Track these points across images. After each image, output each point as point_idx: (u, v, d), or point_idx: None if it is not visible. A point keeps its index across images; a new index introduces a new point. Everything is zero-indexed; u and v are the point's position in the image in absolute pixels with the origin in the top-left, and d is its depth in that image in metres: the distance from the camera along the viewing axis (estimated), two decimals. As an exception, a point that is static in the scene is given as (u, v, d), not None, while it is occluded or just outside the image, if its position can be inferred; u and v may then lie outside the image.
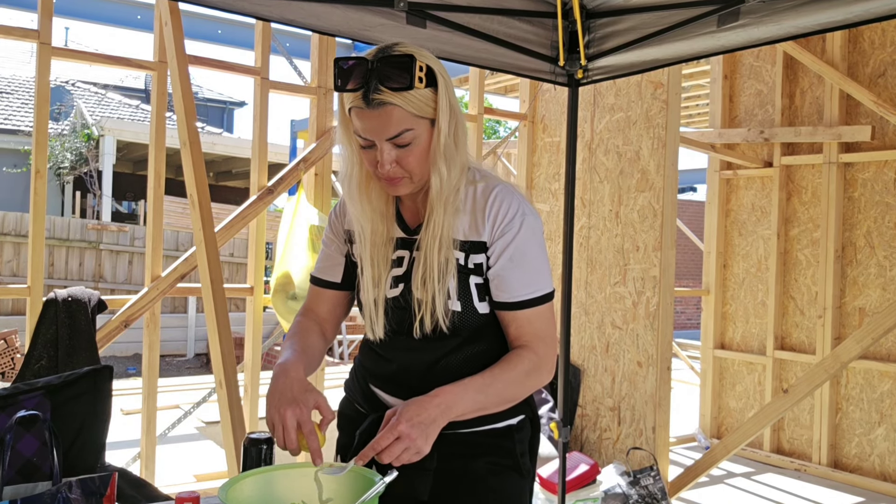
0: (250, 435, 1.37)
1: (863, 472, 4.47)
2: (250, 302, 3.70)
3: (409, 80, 1.23)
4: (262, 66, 3.63)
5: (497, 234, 1.35)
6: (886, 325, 3.35)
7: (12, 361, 7.58)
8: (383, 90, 1.23)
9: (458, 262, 1.36)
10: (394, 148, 1.28)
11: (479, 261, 1.36)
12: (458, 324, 1.36)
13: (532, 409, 1.49)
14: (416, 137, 1.28)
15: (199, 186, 3.14)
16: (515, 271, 1.35)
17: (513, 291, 1.35)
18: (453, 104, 1.32)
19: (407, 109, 1.25)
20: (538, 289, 1.36)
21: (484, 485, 1.40)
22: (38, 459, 1.46)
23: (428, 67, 1.27)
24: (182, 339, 11.20)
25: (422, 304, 1.35)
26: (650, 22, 2.46)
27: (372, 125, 1.26)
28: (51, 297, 2.88)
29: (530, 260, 1.35)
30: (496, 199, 1.35)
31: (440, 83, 1.28)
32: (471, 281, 1.37)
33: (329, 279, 1.52)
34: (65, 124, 14.40)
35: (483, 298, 1.38)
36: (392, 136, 1.27)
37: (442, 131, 1.29)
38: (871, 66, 4.51)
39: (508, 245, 1.34)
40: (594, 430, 4.14)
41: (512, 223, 1.34)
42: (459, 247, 1.36)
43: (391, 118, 1.25)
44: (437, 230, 1.33)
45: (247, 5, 2.10)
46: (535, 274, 1.36)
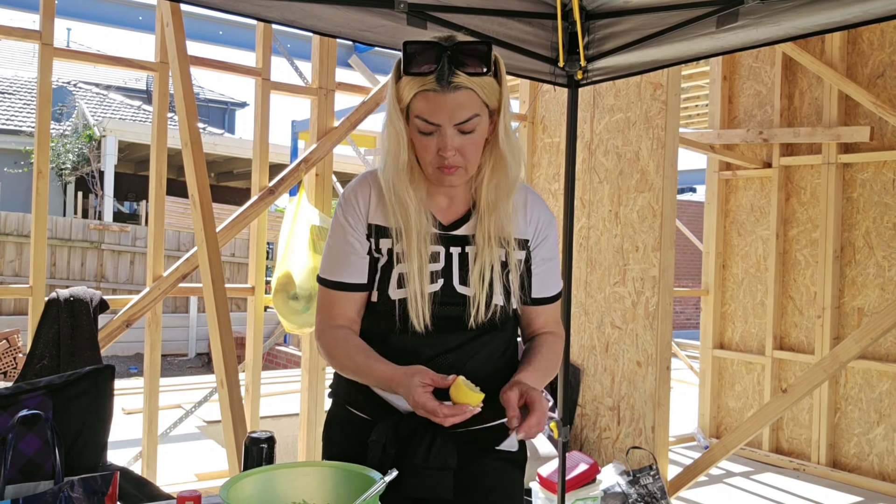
0: (251, 434, 1.38)
1: (861, 471, 4.48)
2: (251, 302, 3.71)
3: (489, 67, 1.27)
4: (264, 67, 3.64)
5: (540, 236, 1.47)
6: (885, 325, 3.35)
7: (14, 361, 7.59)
8: (460, 74, 1.26)
9: (501, 258, 1.43)
10: (458, 134, 1.30)
11: (520, 258, 1.45)
12: (500, 317, 1.43)
13: None
14: (478, 125, 1.31)
15: (201, 187, 3.15)
16: (553, 271, 1.50)
17: (552, 288, 1.51)
18: (506, 99, 1.36)
19: (479, 95, 1.29)
20: (559, 286, 1.54)
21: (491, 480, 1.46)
22: (39, 459, 1.47)
23: (496, 58, 1.31)
24: (183, 338, 11.22)
25: (473, 298, 1.40)
26: (650, 23, 2.47)
27: (444, 108, 1.27)
28: (53, 297, 2.89)
29: (557, 261, 1.52)
30: (532, 200, 1.47)
31: (501, 75, 1.33)
32: (510, 278, 1.44)
33: (359, 282, 1.45)
34: (67, 125, 14.41)
35: (515, 293, 1.46)
36: (462, 120, 1.28)
37: (501, 122, 1.34)
38: (870, 66, 4.51)
39: (548, 247, 1.48)
40: (594, 429, 4.15)
41: (549, 227, 1.48)
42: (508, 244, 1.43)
43: (465, 102, 1.28)
44: (490, 225, 1.39)
45: (247, 6, 2.11)
46: (556, 273, 1.52)
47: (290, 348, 9.27)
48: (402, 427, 1.41)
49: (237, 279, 11.51)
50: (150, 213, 3.46)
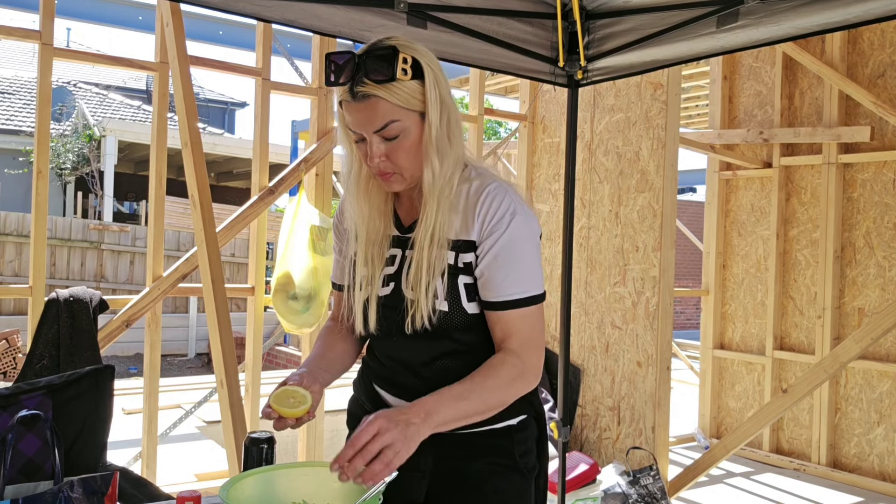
0: (251, 434, 1.38)
1: (862, 471, 4.48)
2: (251, 302, 3.71)
3: (392, 72, 1.24)
4: (264, 67, 3.64)
5: (486, 232, 1.32)
6: (885, 325, 3.35)
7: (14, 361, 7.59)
8: (367, 83, 1.25)
9: (448, 261, 1.34)
10: (383, 141, 1.29)
11: (469, 260, 1.34)
12: (445, 323, 1.34)
13: (535, 408, 1.46)
14: (404, 130, 1.29)
15: (201, 187, 3.15)
16: (502, 270, 1.32)
17: (498, 291, 1.32)
18: (444, 97, 1.31)
19: (391, 101, 1.26)
20: (526, 290, 1.32)
21: (483, 486, 1.38)
22: (39, 459, 1.47)
23: (414, 59, 1.27)
24: (183, 338, 11.22)
25: (413, 302, 1.33)
26: (650, 23, 2.47)
27: (358, 118, 1.28)
28: (52, 297, 2.89)
29: (518, 260, 1.32)
30: (487, 197, 1.33)
31: (428, 75, 1.28)
32: (460, 281, 1.34)
33: (338, 283, 1.55)
34: (66, 125, 14.42)
35: (472, 298, 1.35)
36: (378, 128, 1.28)
37: (432, 124, 1.29)
38: (871, 66, 4.51)
39: (495, 243, 1.32)
40: (594, 429, 4.15)
41: (501, 222, 1.31)
42: (451, 246, 1.34)
43: (376, 110, 1.26)
44: (430, 227, 1.32)
45: (247, 6, 2.11)
46: (523, 274, 1.32)
47: (290, 348, 9.27)
48: None
49: (237, 279, 11.51)
50: (149, 213, 3.46)
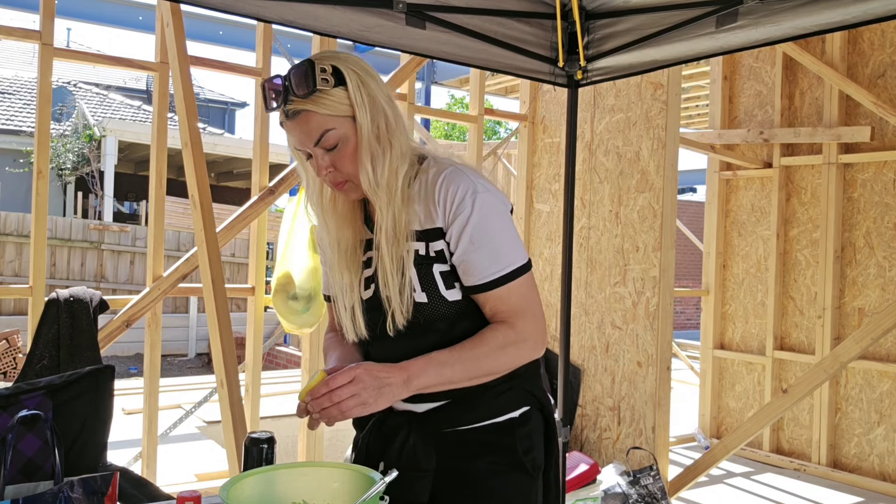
0: (251, 434, 1.38)
1: (862, 471, 4.48)
2: (251, 302, 3.71)
3: (312, 84, 1.27)
4: (264, 67, 3.64)
5: (451, 217, 1.32)
6: (886, 325, 3.35)
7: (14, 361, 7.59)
8: (294, 99, 1.29)
9: (418, 252, 1.34)
10: (326, 153, 1.32)
11: (440, 248, 1.34)
12: (429, 315, 1.34)
13: (539, 399, 1.44)
14: (341, 138, 1.31)
15: (201, 187, 3.15)
16: (478, 252, 1.31)
17: (480, 273, 1.32)
18: (374, 98, 1.32)
19: (320, 112, 1.29)
20: (507, 265, 1.32)
21: (485, 486, 1.37)
22: (39, 459, 1.47)
23: (334, 67, 1.29)
24: (183, 338, 11.23)
25: (390, 301, 1.34)
26: (649, 23, 2.47)
27: (296, 135, 1.32)
28: (53, 297, 2.89)
29: (492, 237, 1.31)
30: (444, 181, 1.33)
31: (350, 80, 1.30)
32: (434, 270, 1.34)
33: (325, 293, 1.59)
34: (67, 125, 14.43)
35: (451, 286, 1.35)
36: (316, 140, 1.31)
37: (362, 126, 1.31)
38: (871, 66, 4.51)
39: (465, 227, 1.31)
40: (594, 429, 4.15)
41: (463, 204, 1.31)
42: (417, 237, 1.34)
43: (308, 124, 1.30)
44: (383, 225, 1.33)
45: (246, 6, 2.11)
46: (500, 251, 1.32)
47: (290, 348, 9.28)
48: (385, 425, 1.42)
49: (237, 279, 11.52)
50: (150, 213, 3.46)
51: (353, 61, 1.33)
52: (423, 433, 1.38)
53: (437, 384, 1.29)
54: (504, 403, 1.39)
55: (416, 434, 1.37)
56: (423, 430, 1.38)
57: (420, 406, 1.38)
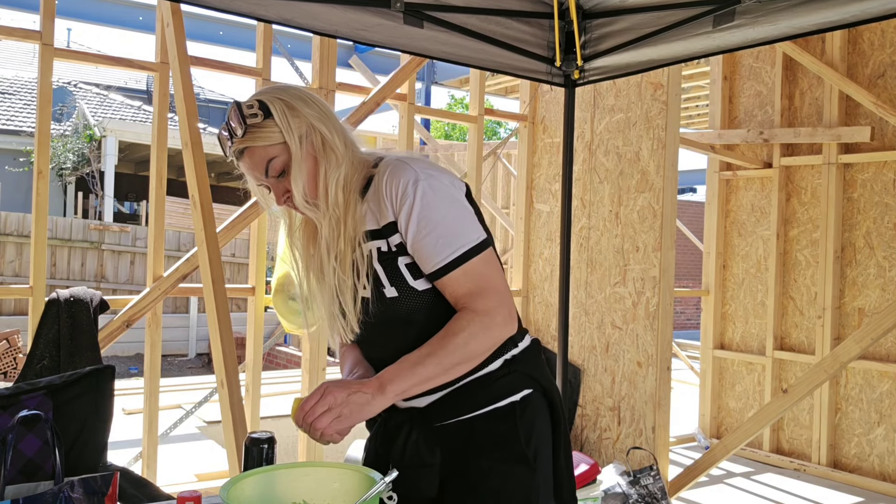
0: (252, 434, 1.39)
1: (862, 472, 4.48)
2: (252, 302, 3.71)
3: (243, 122, 1.36)
4: (264, 68, 3.64)
5: (398, 209, 1.34)
6: (886, 325, 3.35)
7: (14, 361, 7.59)
8: (235, 141, 1.37)
9: (381, 249, 1.38)
10: (278, 181, 1.39)
11: (398, 241, 1.37)
12: (404, 308, 1.37)
13: (540, 382, 1.44)
14: (286, 164, 1.38)
15: (201, 187, 3.15)
16: (427, 239, 1.32)
17: (432, 259, 1.33)
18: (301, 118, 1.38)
19: (258, 144, 1.37)
20: (458, 247, 1.32)
21: (485, 486, 1.37)
22: (39, 459, 1.47)
23: (259, 102, 1.37)
24: (184, 338, 11.23)
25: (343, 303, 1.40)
26: (646, 22, 2.47)
27: (248, 172, 1.41)
28: (53, 298, 2.89)
29: (438, 221, 1.32)
30: (387, 176, 1.36)
31: (274, 109, 1.37)
32: (400, 263, 1.37)
33: None
34: (67, 125, 14.43)
35: (418, 276, 1.37)
36: (264, 171, 1.38)
37: (292, 148, 1.37)
38: (871, 66, 4.51)
39: (410, 215, 1.33)
40: (594, 429, 4.15)
41: (405, 193, 1.33)
42: (375, 236, 1.38)
43: (253, 158, 1.38)
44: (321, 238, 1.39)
45: (246, 6, 2.12)
46: (449, 234, 1.32)
47: (291, 348, 9.28)
48: (389, 422, 1.45)
49: (237, 279, 11.52)
50: (150, 213, 3.46)
51: (280, 90, 1.41)
52: (426, 428, 1.39)
53: (415, 384, 1.30)
54: (503, 388, 1.40)
55: (418, 429, 1.39)
56: (425, 425, 1.39)
57: (422, 401, 1.40)
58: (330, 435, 1.25)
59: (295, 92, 1.41)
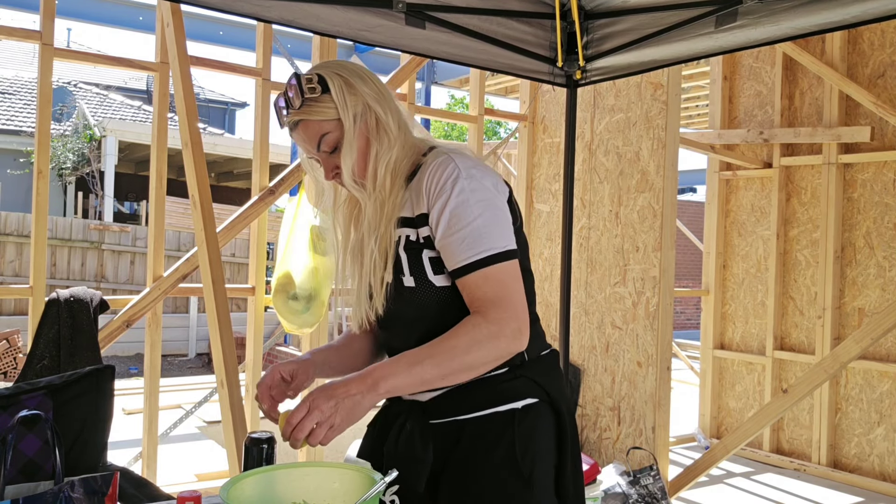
0: (252, 434, 1.38)
1: (862, 472, 4.48)
2: (252, 302, 3.71)
3: (301, 95, 1.36)
4: (264, 68, 3.64)
5: (432, 202, 1.32)
6: (886, 325, 3.35)
7: (14, 361, 7.59)
8: (292, 112, 1.39)
9: (409, 238, 1.36)
10: (329, 157, 1.40)
11: (427, 233, 1.35)
12: (418, 300, 1.36)
13: (548, 392, 1.38)
14: (339, 140, 1.38)
15: (201, 187, 3.15)
16: (455, 237, 1.30)
17: (456, 257, 1.30)
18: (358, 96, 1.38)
19: (312, 118, 1.37)
20: (484, 250, 1.28)
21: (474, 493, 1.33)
22: (40, 459, 1.47)
23: (318, 76, 1.37)
24: (184, 338, 11.22)
25: (371, 287, 1.39)
26: (648, 23, 2.47)
27: (300, 144, 1.42)
28: (53, 297, 2.89)
29: (469, 221, 1.29)
30: (431, 168, 1.35)
31: (332, 85, 1.37)
32: (424, 256, 1.35)
33: None
34: (67, 125, 14.42)
35: (440, 272, 1.35)
36: (316, 145, 1.39)
37: (346, 126, 1.37)
38: (871, 67, 4.51)
39: (443, 211, 1.30)
40: (594, 429, 4.15)
41: (443, 188, 1.31)
42: (406, 223, 1.37)
43: (307, 132, 1.39)
44: (364, 218, 1.40)
45: (246, 6, 2.11)
46: (477, 235, 1.29)
47: (290, 348, 9.27)
48: (390, 411, 1.46)
49: (237, 279, 11.52)
50: (150, 213, 3.46)
51: (338, 66, 1.41)
52: (422, 422, 1.38)
53: (410, 384, 1.26)
54: (505, 392, 1.36)
55: (413, 421, 1.38)
56: (422, 419, 1.38)
57: (424, 395, 1.39)
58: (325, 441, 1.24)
59: (354, 69, 1.41)
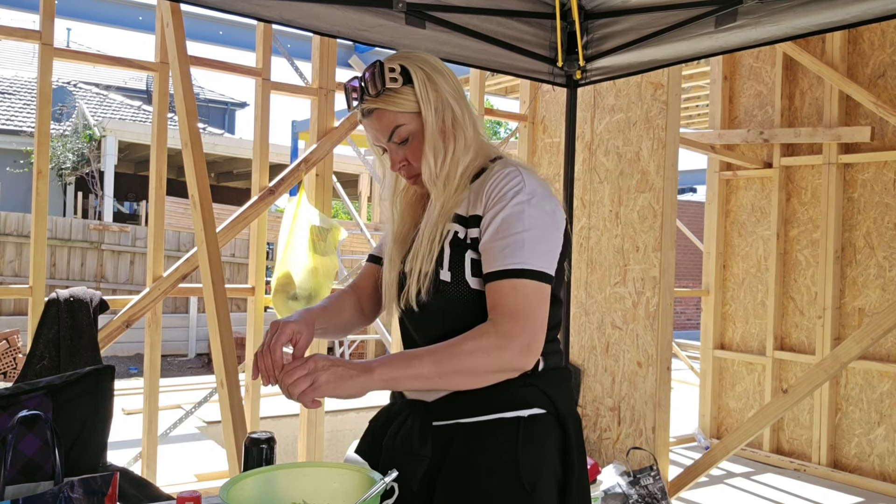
0: (251, 434, 1.38)
1: (862, 472, 4.47)
2: (251, 302, 3.71)
3: (381, 84, 1.34)
4: (264, 67, 3.64)
5: (488, 207, 1.33)
6: (886, 325, 3.35)
7: (14, 361, 7.59)
8: (367, 99, 1.37)
9: (457, 234, 1.36)
10: (399, 148, 1.40)
11: (475, 235, 1.35)
12: (450, 296, 1.34)
13: (556, 405, 1.36)
14: (411, 133, 1.38)
15: (201, 187, 3.15)
16: (500, 242, 1.29)
17: (494, 261, 1.29)
18: (442, 95, 1.37)
19: (389, 109, 1.36)
20: (521, 262, 1.27)
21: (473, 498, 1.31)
22: (39, 459, 1.47)
23: (402, 66, 1.36)
24: (183, 339, 11.22)
25: (412, 272, 1.38)
26: (648, 23, 2.47)
27: (371, 131, 1.41)
28: (53, 298, 2.89)
29: (518, 232, 1.29)
30: (500, 175, 1.34)
31: (416, 77, 1.36)
32: (466, 255, 1.35)
33: (381, 255, 1.59)
34: (67, 125, 14.42)
35: (477, 274, 1.34)
36: (388, 136, 1.38)
37: (426, 121, 1.36)
38: (871, 66, 4.51)
39: (495, 217, 1.31)
40: (594, 430, 4.15)
41: (504, 196, 1.31)
42: (458, 220, 1.37)
43: (381, 121, 1.38)
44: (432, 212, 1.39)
45: (246, 6, 2.11)
46: (520, 246, 1.28)
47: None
48: (392, 410, 1.45)
49: (237, 279, 11.51)
50: (150, 213, 3.46)
51: (422, 59, 1.39)
52: (424, 421, 1.36)
53: (406, 376, 1.25)
54: (511, 399, 1.33)
55: (415, 419, 1.37)
56: (424, 418, 1.37)
57: (430, 395, 1.38)
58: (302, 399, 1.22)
59: (435, 63, 1.40)
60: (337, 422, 5.19)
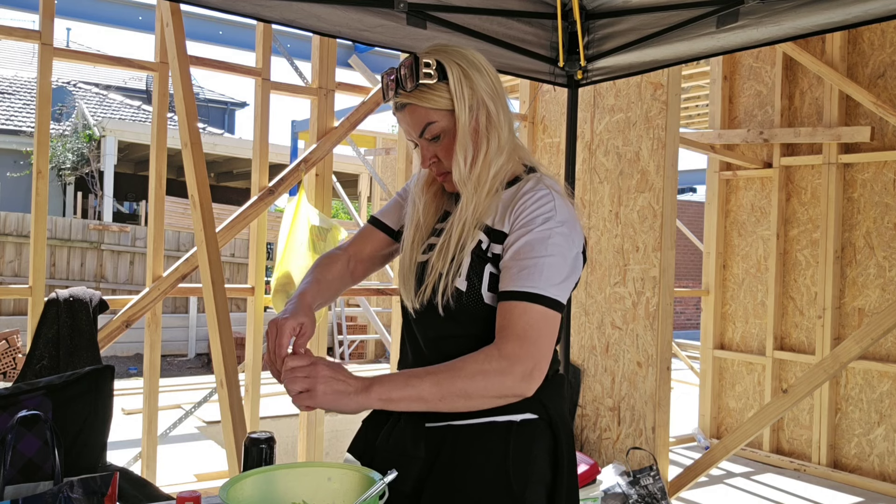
0: (251, 434, 1.38)
1: (862, 472, 4.47)
2: (251, 302, 3.71)
3: (416, 79, 1.32)
4: (264, 67, 3.64)
5: (515, 226, 1.31)
6: (886, 325, 3.35)
7: (14, 361, 7.59)
8: (401, 93, 1.35)
9: (481, 245, 1.34)
10: (430, 144, 1.37)
11: (497, 251, 1.33)
12: (461, 305, 1.32)
13: (548, 411, 1.35)
14: (443, 130, 1.35)
15: (201, 187, 3.15)
16: (520, 263, 1.28)
17: (511, 281, 1.28)
18: (477, 94, 1.34)
19: (423, 105, 1.34)
20: (539, 287, 1.25)
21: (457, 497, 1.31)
22: (39, 459, 1.47)
23: (438, 62, 1.33)
24: (183, 339, 11.21)
25: (433, 270, 1.35)
26: (650, 23, 2.47)
27: (404, 126, 1.40)
28: (52, 298, 2.89)
29: (540, 256, 1.27)
30: (533, 195, 1.33)
31: (452, 75, 1.33)
32: (486, 269, 1.33)
33: (385, 221, 1.58)
34: (66, 125, 14.42)
35: (493, 289, 1.32)
36: (420, 132, 1.36)
37: (459, 120, 1.33)
38: (871, 66, 4.51)
39: (520, 238, 1.29)
40: (594, 430, 4.15)
41: (533, 221, 1.30)
42: (485, 229, 1.35)
43: (413, 117, 1.36)
44: (463, 215, 1.35)
45: (247, 6, 2.11)
46: (540, 271, 1.26)
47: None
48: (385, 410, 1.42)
49: (237, 279, 11.51)
50: (149, 213, 3.46)
51: (460, 55, 1.36)
52: (417, 422, 1.35)
53: (404, 397, 1.22)
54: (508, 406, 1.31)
55: (407, 420, 1.36)
56: (417, 420, 1.36)
57: None
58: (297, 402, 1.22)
59: (473, 59, 1.37)
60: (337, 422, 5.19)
